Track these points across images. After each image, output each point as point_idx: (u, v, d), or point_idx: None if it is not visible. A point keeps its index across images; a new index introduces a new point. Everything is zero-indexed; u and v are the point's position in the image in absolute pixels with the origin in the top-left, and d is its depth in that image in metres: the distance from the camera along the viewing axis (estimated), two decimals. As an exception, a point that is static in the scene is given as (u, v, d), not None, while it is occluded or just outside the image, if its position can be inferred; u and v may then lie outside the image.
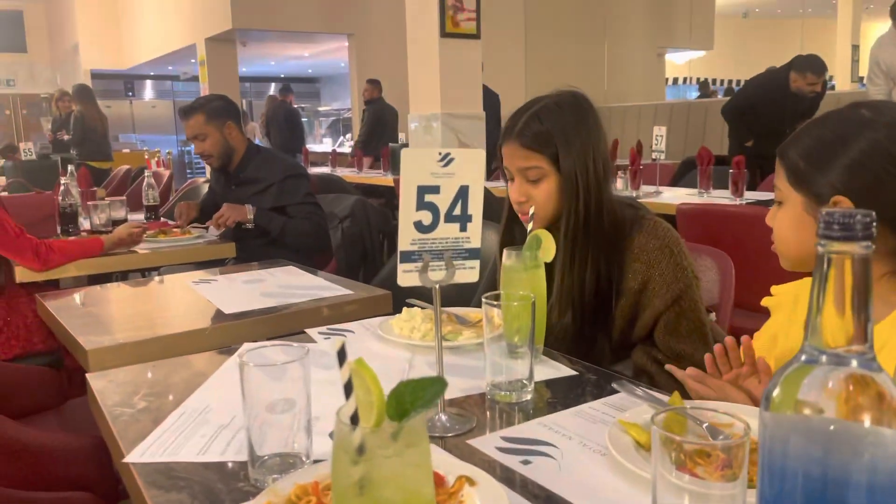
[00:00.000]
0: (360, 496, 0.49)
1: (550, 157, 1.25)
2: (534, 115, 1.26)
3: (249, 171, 2.69)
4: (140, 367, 1.22)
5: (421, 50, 5.13)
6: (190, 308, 1.74)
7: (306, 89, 16.37)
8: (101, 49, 12.07)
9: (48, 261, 2.17)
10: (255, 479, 0.79)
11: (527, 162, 1.26)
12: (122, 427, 0.94)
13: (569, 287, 1.26)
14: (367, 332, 1.37)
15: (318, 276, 1.98)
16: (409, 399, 0.52)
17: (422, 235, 0.87)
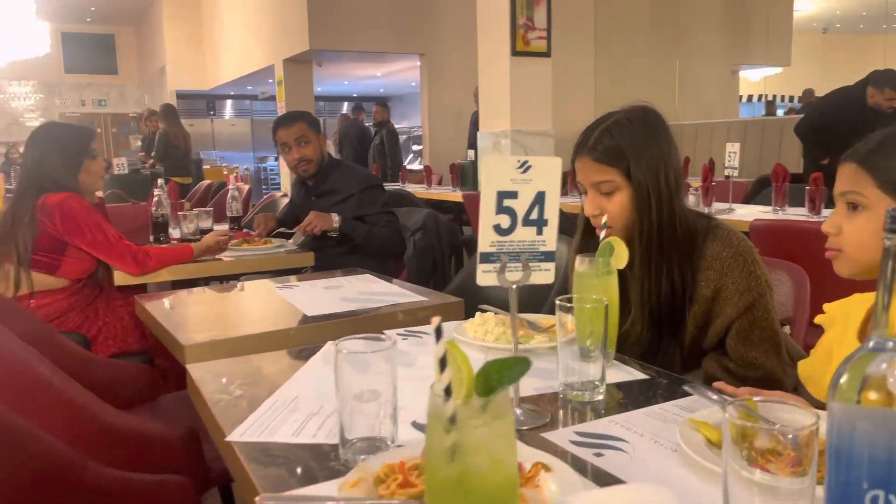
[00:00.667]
0: (452, 461, 0.55)
1: (622, 170, 1.29)
2: (605, 130, 1.30)
3: (329, 183, 2.82)
4: (234, 360, 1.32)
5: (492, 68, 5.22)
6: (274, 310, 1.85)
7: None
8: (185, 71, 12.68)
9: (145, 266, 2.33)
10: (344, 458, 0.85)
11: (600, 176, 1.31)
12: (222, 412, 1.03)
13: (645, 295, 1.29)
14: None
15: (393, 284, 2.06)
16: (495, 377, 0.57)
17: (500, 238, 0.93)
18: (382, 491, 0.75)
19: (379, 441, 0.86)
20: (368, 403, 0.86)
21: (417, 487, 0.75)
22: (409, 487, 0.75)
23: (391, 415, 0.87)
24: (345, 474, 0.81)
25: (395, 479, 0.76)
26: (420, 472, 0.77)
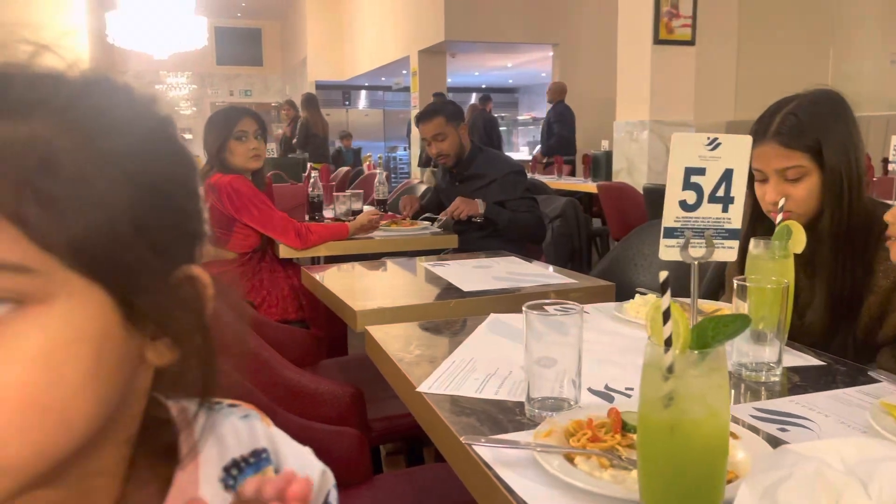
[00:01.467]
0: (667, 408, 0.59)
1: (812, 154, 1.25)
2: (789, 113, 1.27)
3: (473, 169, 2.90)
4: (405, 325, 1.41)
5: (631, 57, 5.13)
6: (431, 285, 1.94)
7: (506, 99, 16.79)
8: (325, 62, 13.26)
9: (307, 240, 2.51)
10: (531, 414, 0.91)
11: (787, 161, 1.27)
12: (407, 367, 1.11)
13: (831, 283, 1.26)
14: (601, 314, 1.46)
15: (540, 266, 2.11)
16: (710, 333, 0.60)
17: (685, 213, 0.95)
18: (573, 443, 0.80)
19: (562, 401, 0.91)
20: (552, 367, 0.91)
21: (607, 443, 0.79)
22: (598, 442, 0.79)
23: (573, 378, 0.92)
24: (530, 428, 0.87)
25: (585, 433, 0.81)
26: (608, 430, 0.82)
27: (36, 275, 0.36)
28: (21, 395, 0.35)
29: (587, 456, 0.76)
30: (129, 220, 0.39)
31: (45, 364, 0.36)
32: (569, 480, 0.71)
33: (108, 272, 0.38)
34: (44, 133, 0.37)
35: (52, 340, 0.36)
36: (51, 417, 0.36)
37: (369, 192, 4.05)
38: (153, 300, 0.41)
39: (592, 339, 1.28)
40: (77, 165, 0.37)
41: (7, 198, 0.35)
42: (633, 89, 5.16)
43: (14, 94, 0.38)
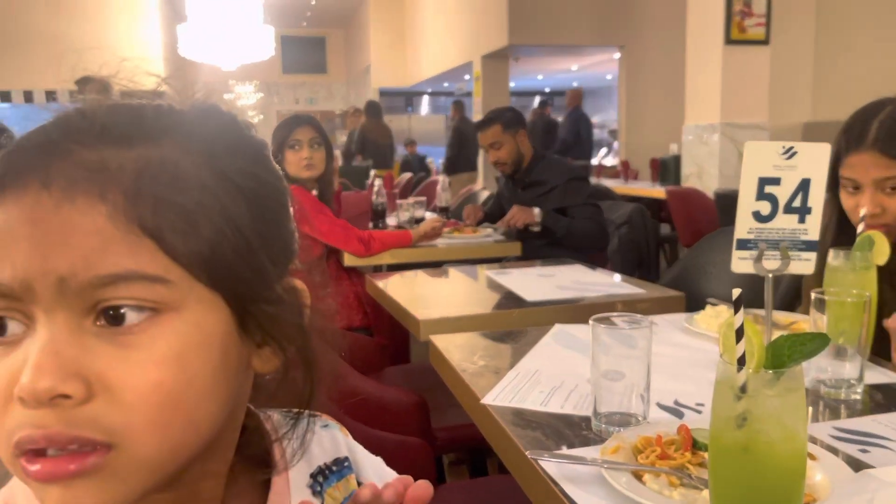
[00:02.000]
0: (740, 428, 0.57)
1: None
2: (889, 119, 1.20)
3: (535, 175, 2.88)
4: (469, 335, 1.41)
5: (701, 58, 5.00)
6: (494, 293, 1.94)
7: (570, 102, 16.62)
8: (388, 69, 13.42)
9: (370, 247, 2.54)
10: (597, 429, 0.90)
11: (888, 171, 1.19)
12: (470, 378, 1.11)
13: None
14: (670, 325, 1.42)
15: (606, 274, 2.07)
16: (787, 352, 0.58)
17: (759, 225, 0.92)
18: (641, 460, 0.78)
19: (630, 416, 0.90)
20: (619, 381, 0.90)
21: (677, 461, 0.77)
22: (667, 459, 0.78)
23: (642, 393, 0.90)
24: (597, 443, 0.86)
25: (654, 450, 0.79)
26: (677, 447, 0.80)
27: (171, 285, 0.39)
28: (159, 394, 0.38)
29: (656, 474, 0.75)
30: (246, 233, 0.42)
31: (179, 366, 0.39)
32: (637, 499, 0.70)
33: (227, 282, 0.41)
34: (172, 156, 0.41)
35: (184, 344, 0.39)
36: (183, 416, 0.39)
37: (432, 199, 4.07)
38: (264, 309, 0.43)
39: (661, 351, 1.25)
40: (202, 184, 0.41)
41: (146, 215, 0.38)
42: (704, 91, 5.03)
43: (146, 123, 0.42)
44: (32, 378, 0.36)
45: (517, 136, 2.84)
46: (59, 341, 0.37)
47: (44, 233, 0.37)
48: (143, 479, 0.39)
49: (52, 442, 0.36)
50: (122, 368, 0.37)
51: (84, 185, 0.38)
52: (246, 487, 0.50)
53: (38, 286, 0.37)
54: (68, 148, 0.39)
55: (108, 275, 0.37)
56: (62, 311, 0.37)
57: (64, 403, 0.36)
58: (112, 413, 0.37)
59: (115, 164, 0.39)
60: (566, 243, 2.71)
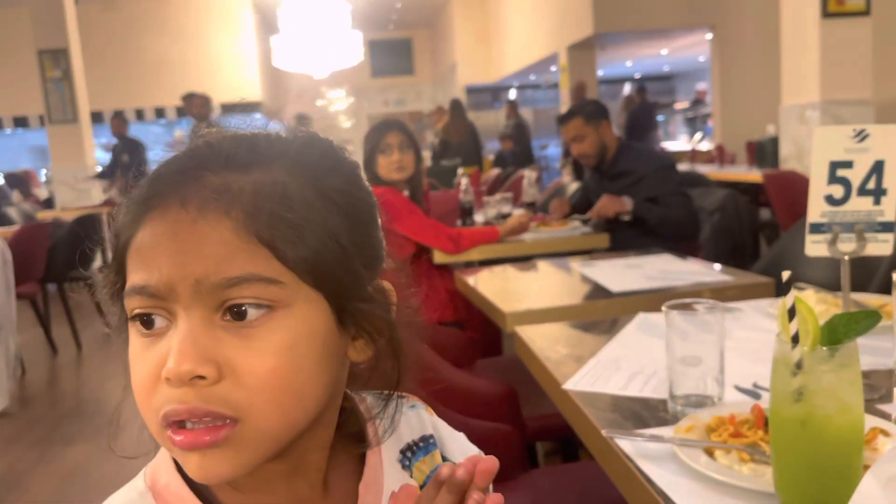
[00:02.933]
0: (797, 402, 0.61)
1: None
2: None
3: (621, 165, 2.87)
4: (553, 325, 1.47)
5: (797, 33, 4.80)
6: (578, 286, 1.98)
7: (661, 87, 16.21)
8: (474, 66, 13.50)
9: (459, 245, 2.62)
10: (673, 410, 0.94)
11: None
12: (553, 366, 1.17)
13: None
14: (757, 311, 1.43)
15: (695, 263, 2.07)
16: (842, 329, 0.61)
17: (832, 208, 0.93)
18: (714, 438, 0.82)
19: (705, 398, 0.93)
20: (695, 366, 0.93)
21: (749, 438, 0.80)
22: (740, 437, 0.81)
23: (716, 376, 0.93)
24: (673, 424, 0.90)
25: (727, 429, 0.83)
26: (751, 426, 0.83)
27: (283, 286, 0.46)
28: (274, 378, 0.46)
29: (727, 450, 0.78)
30: (343, 243, 0.50)
31: (290, 354, 0.47)
32: (707, 473, 0.74)
33: (328, 284, 0.49)
34: (281, 178, 0.49)
35: (295, 336, 0.47)
36: (293, 397, 0.47)
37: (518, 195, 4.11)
38: (358, 307, 0.51)
39: (746, 336, 1.27)
40: (306, 202, 0.49)
41: (262, 228, 0.46)
42: (801, 68, 4.82)
43: (259, 151, 0.51)
44: (177, 362, 0.44)
45: (600, 127, 2.85)
46: (196, 333, 0.45)
47: (183, 244, 0.46)
48: (264, 449, 0.47)
49: (191, 414, 0.45)
50: (245, 356, 0.45)
51: (213, 205, 0.46)
52: (345, 460, 0.57)
53: (179, 287, 0.45)
54: (199, 174, 0.48)
55: (234, 277, 0.45)
56: (198, 308, 0.46)
57: (200, 383, 0.45)
58: (238, 393, 0.45)
59: (236, 187, 0.47)
60: (658, 232, 2.69)
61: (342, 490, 0.56)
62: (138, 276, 0.47)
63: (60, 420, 3.37)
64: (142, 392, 0.47)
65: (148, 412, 0.47)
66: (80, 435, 3.14)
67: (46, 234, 4.51)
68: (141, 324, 0.47)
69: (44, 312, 4.49)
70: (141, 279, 0.46)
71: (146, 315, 0.47)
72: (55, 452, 2.98)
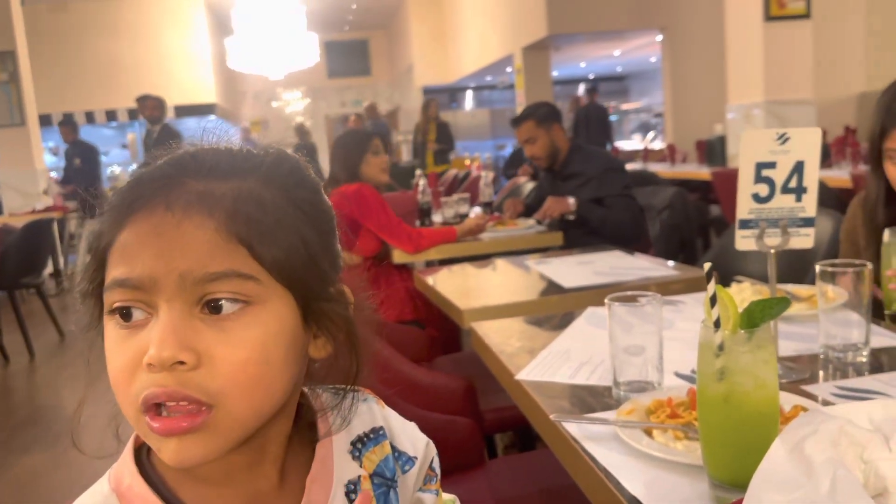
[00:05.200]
0: (720, 381, 0.67)
1: None
2: None
3: (572, 167, 2.96)
4: (508, 320, 1.53)
5: (741, 36, 4.98)
6: (534, 282, 2.04)
7: (615, 87, 16.51)
8: (431, 67, 13.56)
9: (419, 245, 2.67)
10: (617, 396, 1.00)
11: None
12: (507, 358, 1.23)
13: None
14: (698, 303, 1.51)
15: (643, 259, 2.16)
16: (758, 314, 0.68)
17: (759, 206, 1.01)
18: (653, 419, 0.89)
19: (647, 384, 1.00)
20: (637, 355, 1.00)
21: (684, 419, 0.87)
22: (677, 418, 0.88)
23: (657, 364, 1.00)
24: (617, 408, 0.96)
25: (665, 410, 0.89)
26: (686, 408, 0.90)
27: (258, 283, 0.51)
28: (248, 368, 0.50)
29: (664, 430, 0.85)
30: (311, 247, 0.54)
31: (262, 347, 0.51)
32: (646, 451, 0.80)
33: (297, 283, 0.53)
34: (257, 188, 0.54)
35: (267, 330, 0.51)
36: (263, 387, 0.51)
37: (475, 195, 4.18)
38: (321, 306, 0.55)
39: (687, 327, 1.35)
40: (279, 209, 0.53)
41: (241, 229, 0.51)
42: (746, 70, 5.01)
43: (237, 164, 0.55)
44: (159, 348, 0.48)
45: (551, 130, 2.92)
46: (177, 323, 0.49)
47: (169, 241, 0.50)
48: (235, 435, 0.51)
49: (169, 397, 0.49)
50: (221, 346, 0.49)
51: (197, 207, 0.51)
52: (299, 453, 0.60)
53: (164, 281, 0.49)
54: (182, 181, 0.52)
55: (216, 272, 0.49)
56: (179, 301, 0.50)
57: (179, 369, 0.48)
58: (213, 380, 0.49)
59: (218, 192, 0.52)
60: (601, 233, 2.78)
61: (295, 483, 0.58)
62: (121, 270, 0.50)
63: (15, 428, 3.32)
64: (120, 380, 0.50)
65: (126, 399, 0.50)
66: (36, 443, 3.10)
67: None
68: (120, 316, 0.51)
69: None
70: (124, 273, 0.50)
71: (126, 308, 0.51)
72: (11, 460, 2.94)
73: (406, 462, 0.65)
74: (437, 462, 0.71)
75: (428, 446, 0.70)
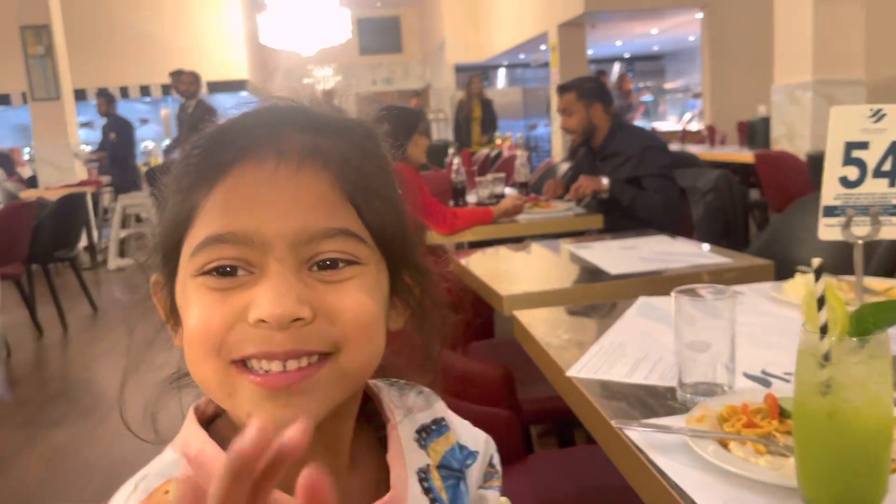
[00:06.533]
0: (824, 395, 0.58)
1: None
2: None
3: (613, 146, 2.84)
4: (553, 309, 1.44)
5: (790, 12, 4.76)
6: (574, 268, 1.95)
7: (651, 67, 16.15)
8: (463, 44, 13.36)
9: (454, 226, 2.59)
10: (682, 399, 0.91)
11: None
12: (555, 352, 1.14)
13: None
14: (758, 295, 1.40)
15: (691, 244, 2.05)
16: (871, 319, 0.59)
17: (847, 191, 0.90)
18: (727, 428, 0.80)
19: (716, 386, 0.90)
20: (704, 352, 0.91)
21: (763, 429, 0.78)
22: (754, 427, 0.78)
23: (727, 363, 0.91)
24: (682, 413, 0.87)
25: (740, 419, 0.80)
26: (764, 416, 0.80)
27: (366, 245, 0.50)
28: (365, 313, 0.49)
29: (742, 442, 0.76)
30: (402, 221, 0.54)
31: (373, 303, 0.50)
32: (724, 466, 0.71)
33: (391, 252, 0.53)
34: (357, 149, 0.52)
35: (371, 289, 0.50)
36: (375, 337, 0.50)
37: (510, 174, 4.08)
38: (405, 277, 0.55)
39: (748, 321, 1.25)
40: (376, 172, 0.53)
41: (351, 188, 0.50)
42: (794, 48, 4.79)
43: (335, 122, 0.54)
44: (274, 304, 0.45)
45: (591, 107, 2.81)
46: (291, 279, 0.47)
47: (281, 193, 0.47)
48: (347, 387, 0.50)
49: (288, 356, 0.46)
50: (337, 297, 0.48)
51: (310, 159, 0.49)
52: (365, 438, 0.59)
53: (276, 235, 0.47)
54: (287, 132, 0.50)
55: (333, 228, 0.48)
56: (291, 258, 0.47)
57: (295, 325, 0.46)
58: (333, 328, 0.48)
59: (326, 146, 0.50)
60: (633, 214, 2.67)
61: (367, 464, 0.57)
62: (222, 223, 0.47)
63: (47, 402, 3.32)
64: (209, 341, 0.47)
65: (213, 361, 0.47)
66: (67, 417, 3.10)
67: (30, 214, 4.43)
68: (218, 275, 0.47)
69: (29, 293, 4.42)
70: (226, 226, 0.47)
71: (226, 267, 0.47)
72: (42, 435, 2.94)
73: (468, 456, 0.64)
74: (497, 459, 0.69)
75: (487, 442, 0.68)
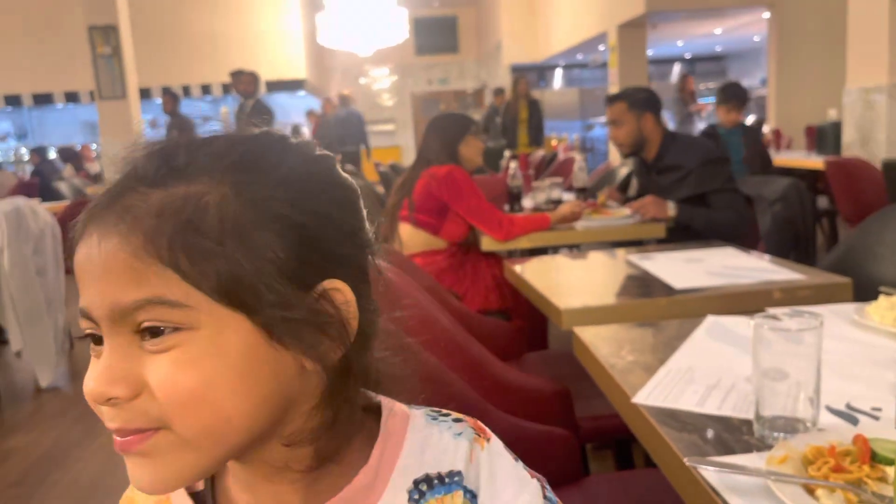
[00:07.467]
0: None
1: None
2: None
3: (668, 159, 2.72)
4: (616, 326, 1.38)
5: (865, 11, 4.55)
6: (638, 280, 1.88)
7: (712, 68, 15.75)
8: (519, 45, 13.26)
9: (510, 232, 2.54)
10: (760, 434, 0.85)
11: None
12: (620, 375, 1.09)
13: None
14: (837, 317, 1.32)
15: (761, 258, 1.95)
16: None
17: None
18: (813, 472, 0.73)
19: (798, 422, 0.84)
20: (785, 382, 0.84)
21: (853, 474, 0.72)
22: (842, 472, 0.72)
23: (811, 396, 0.84)
24: (760, 449, 0.81)
25: (826, 462, 0.74)
26: (853, 459, 0.74)
27: (189, 309, 0.46)
28: (179, 391, 0.46)
29: (831, 489, 0.70)
30: (270, 259, 0.47)
31: (196, 370, 0.46)
32: (811, 517, 0.65)
33: (247, 305, 0.47)
34: (206, 191, 0.47)
35: (200, 354, 0.46)
36: (209, 409, 0.46)
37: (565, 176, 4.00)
38: (287, 325, 0.48)
39: (829, 347, 1.15)
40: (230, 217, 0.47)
41: (164, 250, 0.45)
42: (869, 50, 4.58)
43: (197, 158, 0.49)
44: (88, 383, 0.47)
45: (642, 118, 2.70)
46: (114, 355, 0.47)
47: (95, 269, 0.47)
48: (190, 457, 0.47)
49: (118, 433, 0.47)
50: (154, 372, 0.46)
51: (115, 229, 0.46)
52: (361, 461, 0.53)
53: (98, 312, 0.47)
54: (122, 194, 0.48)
55: (137, 300, 0.45)
56: (117, 331, 0.47)
57: (118, 402, 0.46)
58: (153, 405, 0.46)
59: (142, 208, 0.47)
60: (705, 236, 2.56)
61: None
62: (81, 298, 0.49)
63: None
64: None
65: None
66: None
67: (95, 211, 4.55)
68: (93, 341, 0.49)
69: (92, 288, 4.54)
70: (81, 301, 0.49)
71: (94, 335, 0.49)
72: (102, 427, 2.99)
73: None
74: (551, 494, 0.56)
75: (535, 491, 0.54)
